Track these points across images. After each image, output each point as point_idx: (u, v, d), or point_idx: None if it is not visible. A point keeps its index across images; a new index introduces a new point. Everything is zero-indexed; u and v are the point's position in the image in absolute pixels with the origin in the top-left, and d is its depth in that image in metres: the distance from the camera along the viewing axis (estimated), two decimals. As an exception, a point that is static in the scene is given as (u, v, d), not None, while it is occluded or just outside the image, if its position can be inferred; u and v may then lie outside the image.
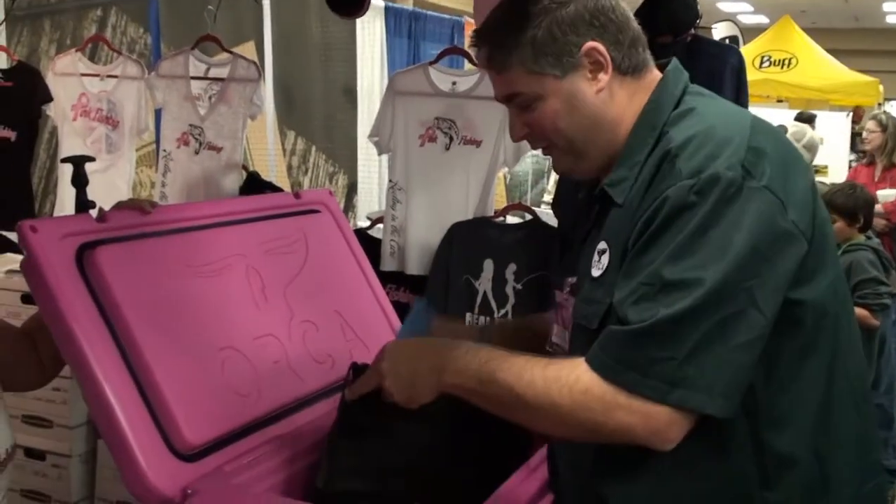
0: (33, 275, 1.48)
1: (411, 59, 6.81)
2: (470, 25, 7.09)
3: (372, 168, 6.40)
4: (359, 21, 6.20)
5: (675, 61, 1.48)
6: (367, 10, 1.31)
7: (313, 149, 6.04)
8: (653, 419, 1.23)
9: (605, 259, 1.35)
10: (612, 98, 1.40)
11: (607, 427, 1.26)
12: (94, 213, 1.54)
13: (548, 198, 6.37)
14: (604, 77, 1.39)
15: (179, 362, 1.54)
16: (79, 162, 1.89)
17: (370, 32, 6.50)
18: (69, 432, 2.59)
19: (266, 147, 5.26)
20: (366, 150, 6.34)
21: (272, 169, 5.31)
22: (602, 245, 1.37)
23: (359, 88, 6.33)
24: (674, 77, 1.45)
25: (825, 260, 1.33)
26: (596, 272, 1.36)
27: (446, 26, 6.99)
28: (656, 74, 1.45)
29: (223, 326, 1.66)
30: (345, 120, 6.26)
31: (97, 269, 1.50)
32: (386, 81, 6.36)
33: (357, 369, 1.57)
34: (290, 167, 5.85)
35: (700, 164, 1.27)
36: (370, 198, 6.38)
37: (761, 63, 10.51)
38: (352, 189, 6.28)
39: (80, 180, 1.89)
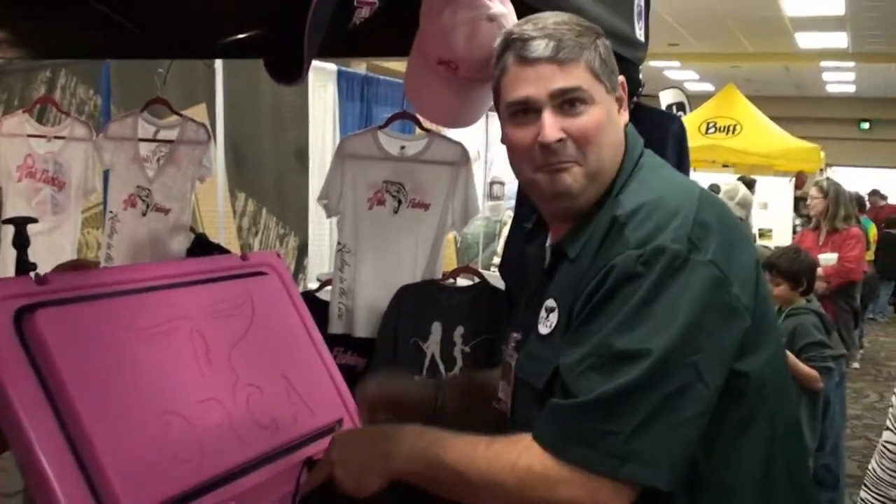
0: (-31, 337, 1.44)
1: (363, 122, 6.89)
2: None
3: (323, 230, 6.41)
4: (311, 84, 6.26)
5: (627, 122, 1.52)
6: (305, 77, 1.32)
7: (264, 210, 6.04)
8: (599, 493, 1.22)
9: (554, 317, 1.36)
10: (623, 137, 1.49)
11: (552, 503, 1.25)
12: (33, 275, 1.51)
13: (496, 260, 6.41)
14: (624, 115, 1.47)
15: (120, 428, 1.51)
16: (20, 223, 1.86)
17: (322, 96, 6.56)
18: (8, 500, 2.51)
19: (216, 208, 5.24)
20: (316, 212, 6.34)
21: (222, 230, 5.28)
22: (550, 302, 1.38)
23: (311, 151, 6.36)
24: (633, 139, 1.49)
25: (767, 333, 1.35)
26: (544, 329, 1.37)
27: (398, 90, 7.07)
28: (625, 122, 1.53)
29: (166, 390, 1.63)
30: (296, 182, 6.27)
31: (36, 332, 1.47)
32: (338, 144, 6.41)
33: (310, 465, 1.56)
34: (240, 229, 5.83)
35: (647, 235, 1.29)
36: (321, 259, 6.37)
37: (707, 129, 10.78)
38: (302, 251, 6.27)
39: (21, 241, 1.86)
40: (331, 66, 6.38)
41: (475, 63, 1.76)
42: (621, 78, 1.46)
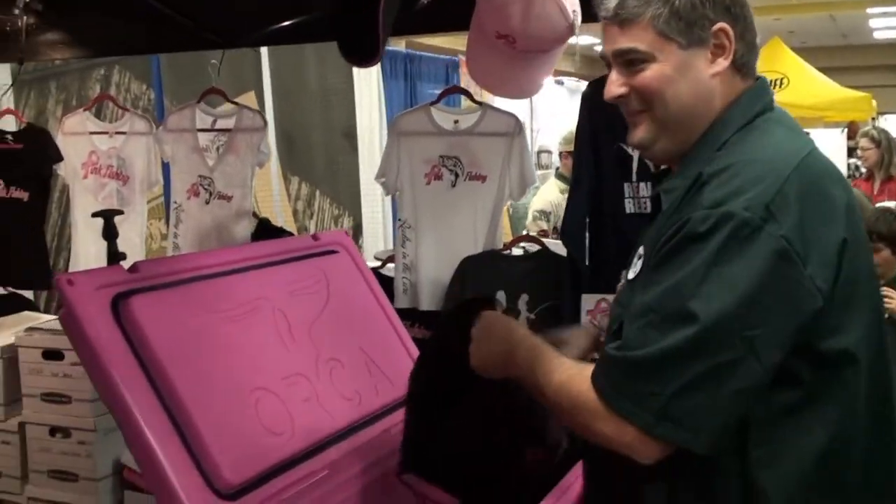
0: (72, 326, 1.53)
1: (408, 99, 6.92)
2: (465, 64, 7.19)
3: (376, 208, 6.46)
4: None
5: (763, 79, 1.46)
6: (380, 59, 1.37)
7: (317, 192, 6.12)
8: (633, 442, 1.26)
9: (640, 264, 1.38)
10: (721, 87, 1.39)
11: (592, 433, 1.32)
12: (126, 263, 1.59)
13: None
14: (722, 63, 1.38)
15: (215, 404, 1.59)
16: (109, 216, 1.95)
17: (367, 76, 6.60)
18: (95, 485, 2.61)
19: (272, 193, 5.33)
20: (369, 191, 6.41)
21: (279, 214, 5.38)
22: (641, 249, 1.39)
23: (358, 131, 6.42)
24: (753, 95, 1.42)
25: (857, 312, 1.30)
26: (630, 275, 1.40)
27: (441, 66, 7.09)
28: (756, 84, 1.44)
29: (254, 368, 1.71)
30: (346, 163, 6.34)
31: (132, 317, 1.55)
32: (385, 123, 6.47)
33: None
34: (295, 212, 5.92)
35: (722, 197, 1.26)
36: (376, 238, 6.43)
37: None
38: (357, 230, 6.33)
39: (110, 232, 1.95)
40: (374, 45, 6.40)
41: (532, 36, 1.79)
42: (721, 26, 1.37)
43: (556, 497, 1.62)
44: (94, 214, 2.12)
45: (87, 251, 3.70)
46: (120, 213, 2.00)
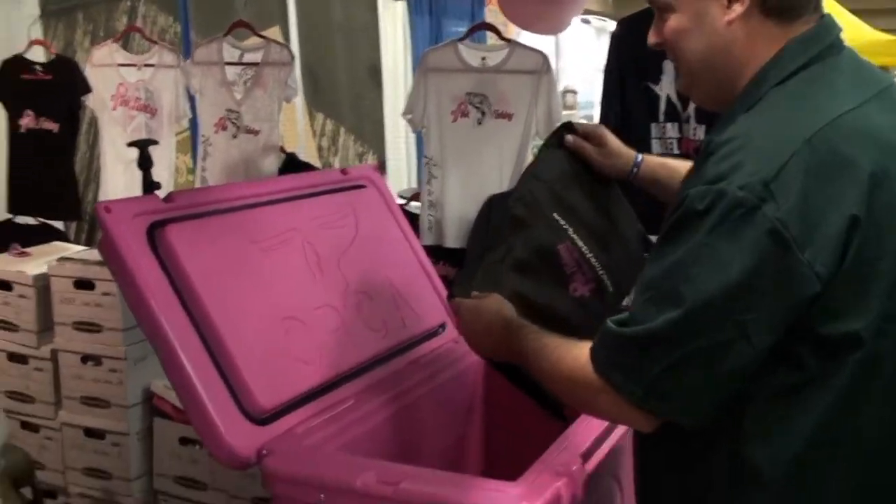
0: (109, 252, 1.57)
1: (434, 36, 6.84)
2: (491, 1, 7.11)
3: (400, 146, 6.47)
4: (380, 1, 6.26)
5: (825, 22, 1.33)
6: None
7: (342, 129, 6.13)
8: (629, 413, 1.28)
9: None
10: (744, 35, 1.30)
11: (591, 406, 1.37)
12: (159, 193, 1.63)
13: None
14: (738, 8, 1.29)
15: (247, 332, 1.63)
16: (144, 145, 1.98)
17: (392, 12, 6.54)
18: (126, 411, 2.69)
19: (296, 129, 5.35)
20: (393, 129, 6.41)
21: (303, 150, 5.39)
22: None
23: (383, 68, 6.39)
24: (801, 43, 1.31)
25: (872, 296, 1.23)
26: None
27: (466, 2, 7.01)
28: (809, 30, 1.31)
29: (285, 297, 1.75)
30: (371, 100, 6.33)
31: (167, 245, 1.59)
32: (410, 60, 6.43)
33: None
34: (320, 148, 5.94)
35: (721, 173, 1.20)
36: (399, 175, 6.45)
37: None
38: (381, 167, 6.35)
39: (145, 163, 1.98)
40: (397, -19, 6.35)
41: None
42: None
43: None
44: (130, 144, 2.14)
45: (115, 182, 3.74)
46: (155, 142, 2.02)
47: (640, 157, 1.76)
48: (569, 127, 1.75)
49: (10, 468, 2.19)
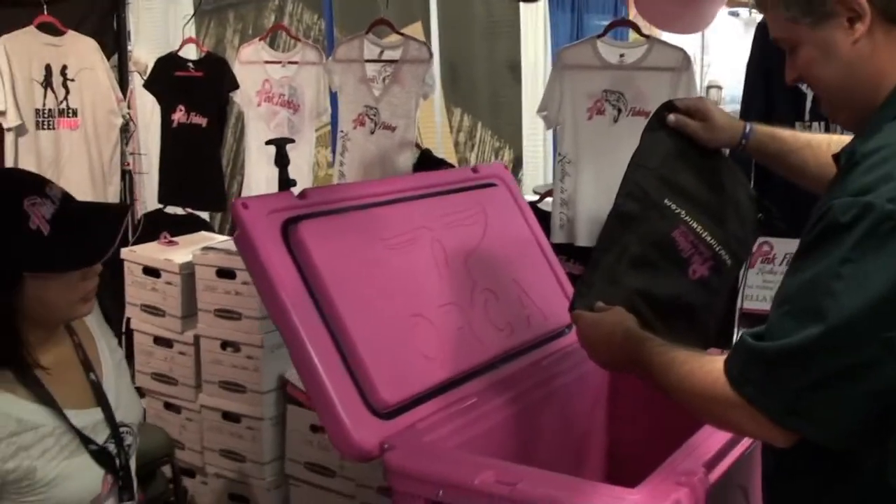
0: (245, 247, 1.64)
1: (575, 32, 6.79)
2: (634, -5, 7.00)
3: (537, 142, 6.45)
4: (522, -4, 6.26)
5: None
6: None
7: (479, 125, 6.15)
8: (767, 430, 1.24)
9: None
10: (873, 50, 1.29)
11: (725, 421, 1.33)
12: (294, 190, 1.68)
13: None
14: (860, 27, 1.28)
15: (374, 328, 1.67)
16: (281, 143, 2.05)
17: (533, 8, 6.51)
18: (261, 397, 2.78)
19: (434, 124, 5.41)
20: (531, 125, 6.39)
21: (440, 145, 5.45)
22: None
23: (523, 64, 6.39)
24: None
25: None
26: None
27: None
28: None
29: (412, 294, 1.78)
30: (509, 96, 6.33)
31: (300, 241, 1.64)
32: (550, 56, 6.40)
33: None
34: (456, 143, 5.98)
35: (868, 185, 1.18)
36: (535, 172, 6.43)
37: None
38: (517, 163, 6.35)
39: (282, 160, 2.05)
40: (540, -22, 6.32)
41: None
42: None
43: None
44: (268, 142, 2.22)
45: (258, 176, 3.88)
46: (291, 141, 2.09)
47: (748, 127, 1.72)
48: (669, 106, 1.72)
49: (148, 447, 2.30)
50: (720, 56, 8.52)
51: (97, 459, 1.53)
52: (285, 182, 2.07)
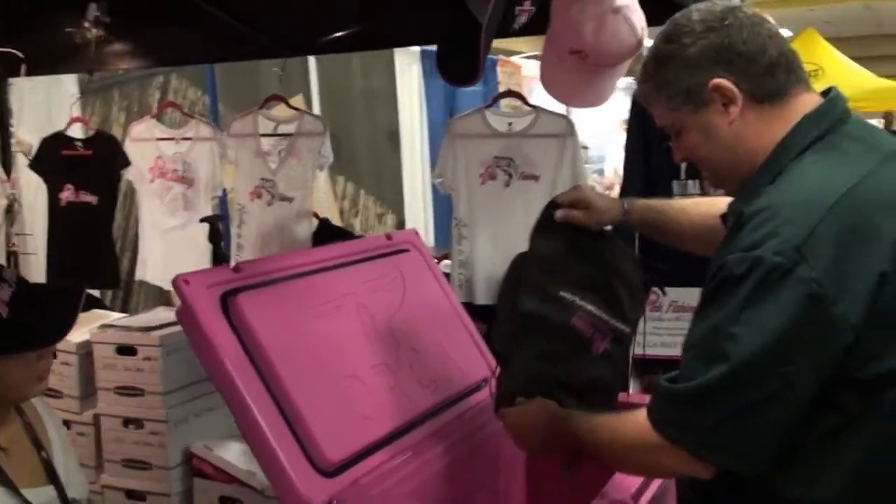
0: (187, 320, 1.70)
1: (448, 99, 7.02)
2: (504, 64, 7.31)
3: (417, 206, 6.61)
4: (398, 66, 6.46)
5: (833, 95, 1.48)
6: (479, 79, 1.53)
7: (362, 192, 6.28)
8: (689, 465, 1.38)
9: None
10: (747, 128, 1.45)
11: (654, 466, 1.47)
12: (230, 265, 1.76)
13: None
14: (734, 110, 1.44)
15: (313, 390, 1.76)
16: (214, 220, 2.11)
17: (408, 77, 6.72)
18: (167, 473, 2.73)
19: (318, 193, 5.50)
20: (411, 190, 6.57)
21: (326, 212, 5.53)
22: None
23: (401, 131, 6.57)
24: (810, 121, 1.44)
25: (895, 340, 1.33)
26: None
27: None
28: (807, 100, 1.46)
29: (344, 357, 1.87)
30: (390, 162, 6.50)
31: (239, 312, 1.72)
32: (426, 122, 6.60)
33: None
34: (341, 211, 6.09)
35: (756, 241, 1.31)
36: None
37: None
38: (400, 227, 6.50)
39: (216, 236, 2.12)
40: (414, 48, 6.55)
41: (603, 51, 1.95)
42: (714, 83, 1.43)
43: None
44: (203, 220, 2.27)
45: (153, 250, 3.88)
46: (222, 218, 2.15)
47: (626, 203, 1.90)
48: (554, 203, 1.89)
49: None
50: (586, 117, 8.97)
51: None
52: (220, 256, 2.14)
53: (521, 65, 7.61)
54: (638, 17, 2.03)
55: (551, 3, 2.04)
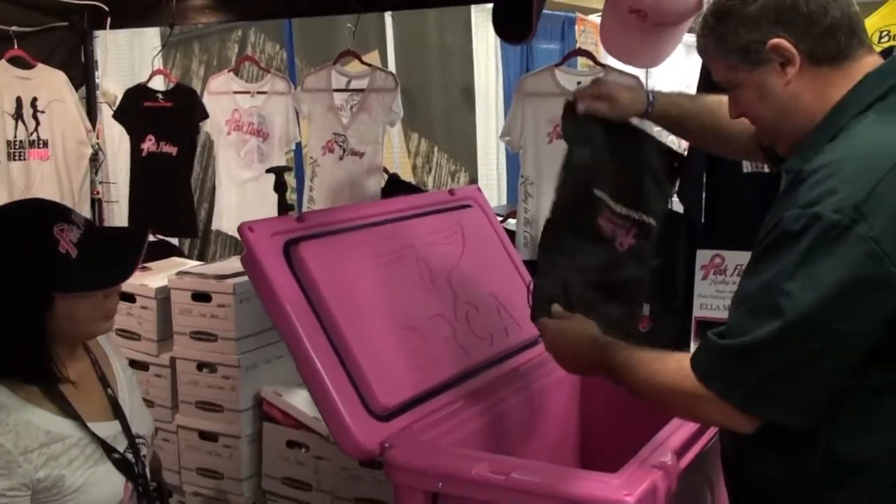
0: (251, 267, 1.78)
1: (524, 57, 6.98)
2: (581, 21, 7.23)
3: (491, 164, 6.63)
4: (473, 23, 6.45)
5: (895, 57, 1.47)
6: (533, 36, 1.54)
7: (435, 149, 6.32)
8: (733, 417, 1.40)
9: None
10: (804, 89, 1.44)
11: (693, 413, 1.50)
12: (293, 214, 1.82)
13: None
14: (791, 70, 1.43)
15: (370, 338, 1.82)
16: (280, 171, 2.18)
17: (484, 35, 6.69)
18: (238, 416, 2.84)
19: (392, 149, 5.56)
20: (485, 148, 6.58)
21: (398, 169, 5.59)
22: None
23: (476, 89, 6.57)
24: (873, 80, 1.43)
25: None
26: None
27: (557, 23, 7.12)
28: (869, 63, 1.44)
29: (402, 307, 1.93)
30: (464, 120, 6.51)
31: (301, 260, 1.79)
32: (501, 81, 6.58)
33: None
34: (414, 167, 6.14)
35: (814, 198, 1.32)
36: (490, 193, 6.59)
37: (880, 38, 10.22)
38: (473, 184, 6.52)
39: (281, 187, 2.18)
40: (490, 4, 6.51)
41: (662, 10, 1.94)
42: (773, 43, 1.42)
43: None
44: (269, 170, 2.34)
45: (228, 201, 3.99)
46: (289, 169, 2.22)
47: (651, 96, 1.89)
48: (575, 97, 1.87)
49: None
50: (663, 79, 8.83)
51: (118, 467, 1.65)
52: (284, 206, 2.21)
53: (599, 23, 7.49)
54: (699, -24, 2.02)
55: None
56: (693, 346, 3.13)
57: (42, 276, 1.54)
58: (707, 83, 2.95)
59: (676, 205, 3.05)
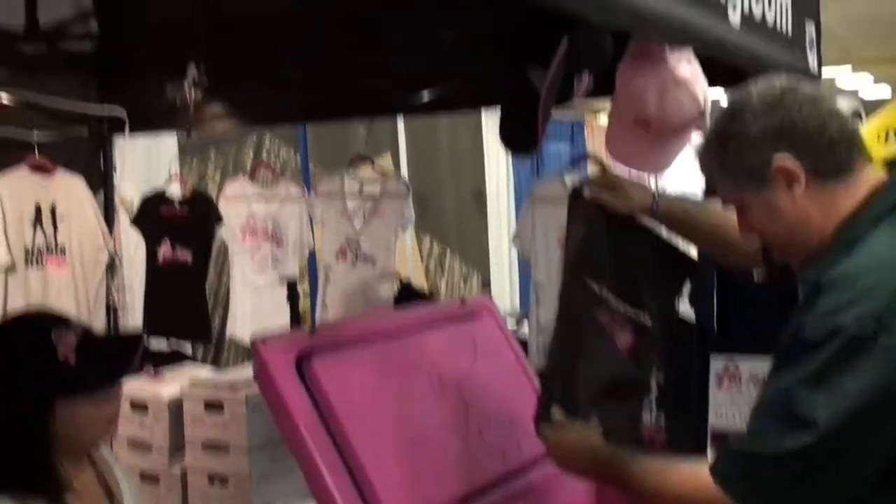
0: (264, 381, 1.78)
1: (535, 159, 7.07)
2: (590, 125, 7.36)
3: (503, 267, 6.65)
4: (484, 127, 6.57)
5: None
6: (540, 149, 1.58)
7: (447, 252, 6.36)
8: None
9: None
10: (811, 206, 1.45)
11: None
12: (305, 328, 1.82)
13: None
14: (798, 188, 1.45)
15: (382, 450, 1.81)
16: (293, 281, 2.18)
17: (494, 138, 6.77)
18: None
19: (405, 252, 5.59)
20: (496, 251, 6.62)
21: (411, 273, 5.61)
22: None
23: (487, 191, 6.65)
24: (888, 189, 1.45)
25: None
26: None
27: (565, 127, 7.26)
28: (869, 172, 1.46)
29: (414, 423, 1.92)
30: (475, 223, 6.57)
31: (314, 377, 1.79)
32: (513, 183, 6.66)
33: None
34: (427, 270, 6.17)
35: (833, 309, 1.33)
36: (502, 295, 6.60)
37: (887, 137, 10.30)
38: (485, 288, 6.53)
39: (293, 296, 2.19)
40: (501, 109, 6.63)
41: (666, 122, 1.98)
42: (777, 164, 1.44)
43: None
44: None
45: (243, 307, 3.99)
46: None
47: (656, 195, 1.91)
48: (580, 186, 1.89)
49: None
50: (671, 181, 8.92)
51: None
52: (296, 316, 2.22)
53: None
54: (701, 88, 2.07)
55: (617, 73, 2.09)
56: (710, 455, 3.08)
57: (43, 383, 1.57)
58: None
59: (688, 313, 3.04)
